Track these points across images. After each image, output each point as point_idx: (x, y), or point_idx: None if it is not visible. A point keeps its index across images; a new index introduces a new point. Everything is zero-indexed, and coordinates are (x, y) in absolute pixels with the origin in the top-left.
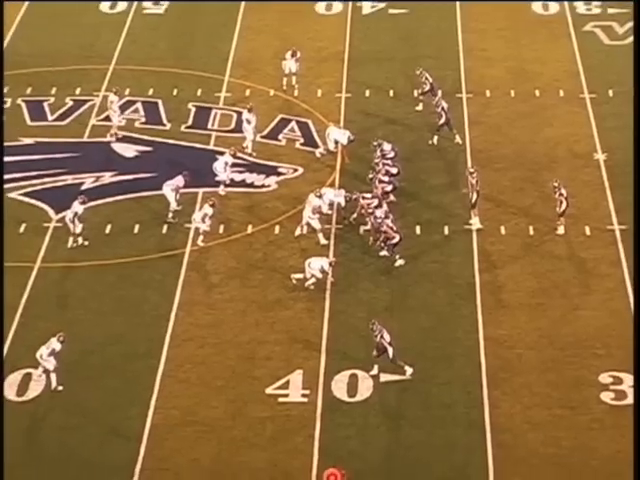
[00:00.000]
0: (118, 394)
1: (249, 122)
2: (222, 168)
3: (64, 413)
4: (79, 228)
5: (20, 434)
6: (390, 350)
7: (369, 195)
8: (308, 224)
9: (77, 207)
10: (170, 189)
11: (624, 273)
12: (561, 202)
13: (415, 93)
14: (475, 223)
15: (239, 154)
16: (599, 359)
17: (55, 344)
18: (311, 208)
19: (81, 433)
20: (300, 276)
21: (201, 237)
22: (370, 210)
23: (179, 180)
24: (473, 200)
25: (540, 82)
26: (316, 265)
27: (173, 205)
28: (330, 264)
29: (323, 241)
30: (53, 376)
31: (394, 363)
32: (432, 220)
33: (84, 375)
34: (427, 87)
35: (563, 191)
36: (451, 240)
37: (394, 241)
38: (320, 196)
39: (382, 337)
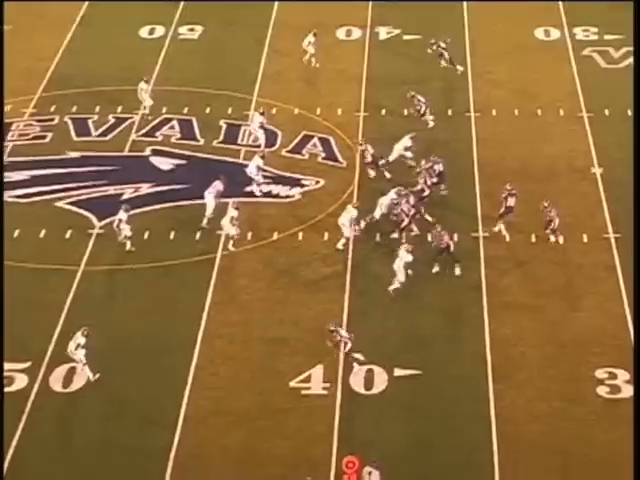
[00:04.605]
0: (155, 386)
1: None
2: (255, 171)
3: (105, 403)
4: (128, 231)
5: (65, 423)
6: (345, 344)
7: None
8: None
9: (121, 214)
10: (212, 196)
11: (619, 277)
12: (551, 220)
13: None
14: (501, 230)
15: (265, 167)
16: (595, 356)
17: (80, 338)
18: (349, 217)
19: (121, 422)
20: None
21: (231, 242)
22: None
23: (217, 184)
24: (501, 210)
25: (542, 102)
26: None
27: (209, 211)
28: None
29: (340, 246)
30: (86, 367)
31: (349, 355)
32: (442, 228)
33: (124, 369)
34: (423, 108)
35: (553, 213)
36: (459, 246)
37: (404, 225)
38: (357, 207)
39: (339, 334)
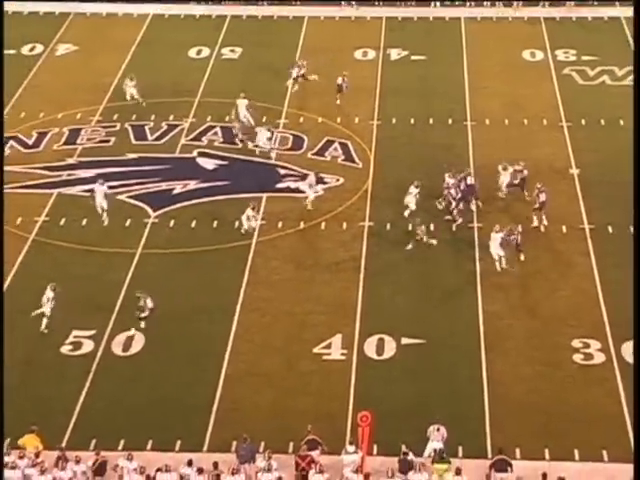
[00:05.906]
0: (199, 351)
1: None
2: (265, 140)
3: (157, 365)
4: (105, 204)
5: (123, 381)
6: (148, 311)
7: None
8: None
9: (97, 187)
10: (307, 186)
11: (592, 262)
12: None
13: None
14: (542, 220)
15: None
16: (572, 328)
17: (49, 293)
18: (411, 195)
19: (170, 381)
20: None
21: (255, 234)
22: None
23: (310, 178)
24: (536, 206)
25: (528, 113)
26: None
27: (311, 198)
28: None
29: (406, 214)
30: (45, 320)
31: (144, 318)
32: (441, 220)
33: (174, 336)
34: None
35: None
36: (457, 235)
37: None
38: (417, 186)
39: (146, 302)
